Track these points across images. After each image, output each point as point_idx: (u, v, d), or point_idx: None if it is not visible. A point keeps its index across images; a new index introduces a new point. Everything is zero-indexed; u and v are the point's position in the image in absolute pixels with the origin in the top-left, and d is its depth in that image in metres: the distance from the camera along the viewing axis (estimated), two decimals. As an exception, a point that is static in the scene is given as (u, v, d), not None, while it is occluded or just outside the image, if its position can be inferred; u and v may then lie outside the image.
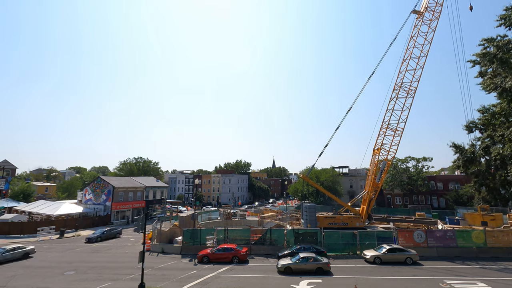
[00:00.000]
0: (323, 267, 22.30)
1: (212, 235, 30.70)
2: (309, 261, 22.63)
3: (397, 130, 35.70)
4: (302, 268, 22.40)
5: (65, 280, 21.53)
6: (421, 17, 35.55)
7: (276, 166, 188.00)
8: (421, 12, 35.62)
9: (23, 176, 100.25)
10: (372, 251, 26.02)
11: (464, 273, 21.69)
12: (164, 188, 71.25)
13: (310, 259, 22.73)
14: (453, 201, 58.53)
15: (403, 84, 35.52)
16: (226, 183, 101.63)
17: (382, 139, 36.56)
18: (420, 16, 35.70)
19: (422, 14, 35.42)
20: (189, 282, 20.49)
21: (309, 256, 23.14)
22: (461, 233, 27.95)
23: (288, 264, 22.59)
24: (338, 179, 71.60)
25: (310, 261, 22.60)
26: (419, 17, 35.77)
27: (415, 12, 36.08)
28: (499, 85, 30.29)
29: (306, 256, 23.14)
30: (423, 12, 35.45)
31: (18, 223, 43.37)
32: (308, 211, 35.67)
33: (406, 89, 35.43)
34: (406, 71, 35.51)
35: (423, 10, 35.48)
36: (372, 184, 37.37)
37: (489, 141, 36.37)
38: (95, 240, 38.04)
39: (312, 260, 22.65)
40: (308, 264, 22.49)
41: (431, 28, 35.00)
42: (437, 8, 35.01)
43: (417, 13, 36.05)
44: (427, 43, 34.99)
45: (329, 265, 22.58)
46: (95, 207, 56.25)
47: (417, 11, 36.01)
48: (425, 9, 35.43)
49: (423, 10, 35.52)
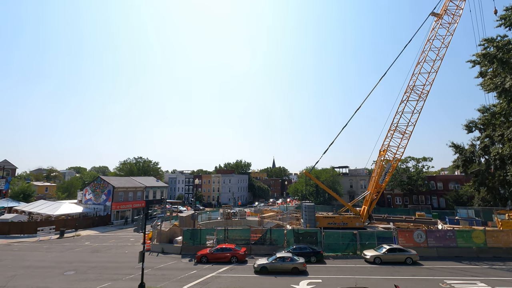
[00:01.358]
0: (299, 267, 22.53)
1: (212, 235, 30.71)
2: (286, 261, 22.84)
3: (405, 133, 35.48)
4: (278, 267, 22.59)
5: (65, 280, 21.53)
6: (440, 19, 34.77)
7: (276, 166, 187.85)
8: (440, 14, 34.88)
9: (23, 176, 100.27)
10: (372, 251, 26.04)
11: (464, 273, 21.70)
12: (164, 188, 71.25)
13: (287, 259, 22.95)
14: (453, 201, 58.52)
15: (415, 87, 35.12)
16: (226, 183, 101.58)
17: (389, 141, 36.45)
18: (438, 19, 34.97)
19: (441, 17, 34.67)
20: (189, 282, 20.50)
21: (285, 256, 23.37)
22: (461, 233, 27.97)
23: (264, 264, 22.83)
24: (338, 179, 71.59)
25: (287, 261, 22.81)
26: (438, 20, 34.98)
27: (433, 15, 35.34)
28: (499, 86, 30.27)
29: (283, 256, 23.39)
30: (442, 14, 34.70)
31: (18, 223, 43.38)
32: (307, 211, 35.63)
33: (418, 92, 35.07)
34: (420, 74, 35.02)
35: (442, 13, 34.73)
36: (375, 186, 37.35)
37: (488, 141, 36.37)
38: None
39: (289, 260, 22.85)
40: (284, 264, 22.69)
41: (449, 31, 34.14)
42: (457, 11, 34.03)
43: (436, 16, 35.31)
44: (444, 46, 34.28)
45: (304, 265, 22.83)
46: (95, 207, 56.24)
47: (436, 14, 35.25)
48: (444, 11, 34.65)
49: (442, 12, 34.76)
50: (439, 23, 34.97)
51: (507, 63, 29.48)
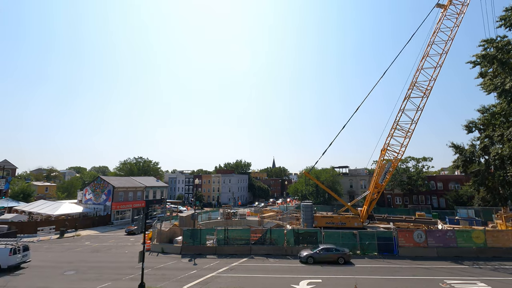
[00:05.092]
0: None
1: (212, 235, 30.73)
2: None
3: (408, 131, 35.24)
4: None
5: (65, 280, 21.55)
6: (445, 11, 34.01)
7: (276, 166, 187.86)
8: (445, 5, 34.11)
9: (23, 176, 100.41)
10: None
11: (464, 273, 21.72)
12: (164, 188, 71.26)
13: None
14: (453, 201, 58.54)
15: (419, 83, 34.69)
16: (226, 183, 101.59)
17: (389, 140, 36.33)
18: (444, 10, 34.18)
19: (446, 8, 33.91)
20: (189, 282, 20.51)
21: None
22: (461, 233, 27.99)
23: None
24: (338, 179, 71.60)
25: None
26: (444, 11, 34.20)
27: (439, 6, 34.58)
28: (499, 86, 30.27)
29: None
30: (447, 5, 33.93)
31: (18, 223, 43.34)
32: (304, 210, 35.69)
33: (422, 89, 34.58)
34: (424, 69, 34.42)
35: (447, 4, 33.96)
36: (376, 185, 37.35)
37: (488, 141, 36.36)
38: None
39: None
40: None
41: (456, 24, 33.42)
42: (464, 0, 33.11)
43: (441, 7, 34.51)
44: (450, 39, 33.69)
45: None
46: (95, 207, 56.26)
47: (441, 5, 34.49)
48: (449, 1, 33.84)
49: (448, 3, 33.96)
50: (444, 14, 34.24)
51: (507, 63, 29.48)
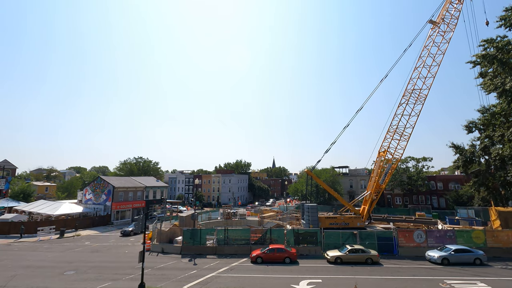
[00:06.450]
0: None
1: (212, 235, 30.72)
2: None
3: (403, 134, 35.71)
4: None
5: (65, 280, 21.53)
6: (437, 27, 35.20)
7: (276, 166, 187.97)
8: (437, 22, 35.30)
9: (23, 176, 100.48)
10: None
11: (464, 273, 21.70)
12: (164, 188, 71.24)
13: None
14: (453, 201, 58.48)
15: (414, 91, 35.48)
16: (226, 183, 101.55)
17: (389, 143, 36.53)
18: (435, 27, 35.38)
19: (438, 25, 35.12)
20: (189, 282, 20.50)
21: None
22: (461, 233, 28.00)
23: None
24: (338, 179, 71.57)
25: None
26: (434, 28, 35.43)
27: (431, 22, 35.83)
28: (499, 86, 30.25)
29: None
30: (439, 23, 35.14)
31: (18, 223, 43.35)
32: (310, 212, 35.53)
33: (415, 96, 35.39)
34: (418, 78, 35.45)
35: (439, 21, 35.14)
36: (376, 186, 37.35)
37: (488, 141, 36.34)
38: None
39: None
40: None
41: (445, 39, 34.70)
42: (452, 21, 34.63)
43: (433, 23, 35.76)
44: (440, 53, 34.82)
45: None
46: (95, 207, 56.24)
47: (433, 22, 35.70)
48: (441, 20, 35.09)
49: (439, 21, 35.16)
50: (436, 30, 35.36)
51: (507, 63, 29.47)
